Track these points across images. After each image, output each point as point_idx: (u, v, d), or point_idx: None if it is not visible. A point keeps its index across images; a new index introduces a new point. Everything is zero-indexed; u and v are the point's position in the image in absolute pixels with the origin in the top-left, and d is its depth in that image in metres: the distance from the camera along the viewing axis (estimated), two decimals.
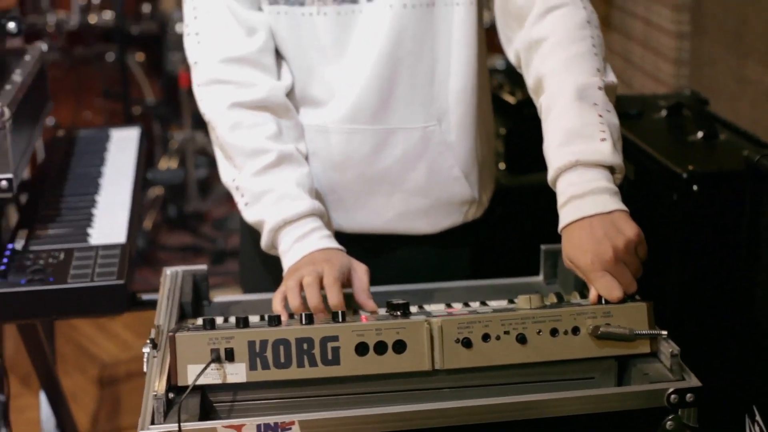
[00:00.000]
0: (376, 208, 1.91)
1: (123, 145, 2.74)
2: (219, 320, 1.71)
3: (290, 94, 1.90)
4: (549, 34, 1.72)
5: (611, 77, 1.72)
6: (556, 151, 1.65)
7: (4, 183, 1.96)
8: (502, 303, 1.75)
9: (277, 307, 1.68)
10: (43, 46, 2.63)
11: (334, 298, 1.66)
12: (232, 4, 1.85)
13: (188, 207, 4.95)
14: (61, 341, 3.75)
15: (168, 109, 5.02)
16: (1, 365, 2.69)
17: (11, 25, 2.45)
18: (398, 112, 1.85)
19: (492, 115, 2.04)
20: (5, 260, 1.98)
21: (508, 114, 2.97)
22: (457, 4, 1.83)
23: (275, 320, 1.52)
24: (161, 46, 4.97)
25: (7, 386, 2.36)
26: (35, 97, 2.37)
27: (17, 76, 2.25)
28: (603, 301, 1.57)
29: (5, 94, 2.05)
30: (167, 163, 4.93)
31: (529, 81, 1.77)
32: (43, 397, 2.65)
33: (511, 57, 1.83)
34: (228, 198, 4.94)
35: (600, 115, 1.65)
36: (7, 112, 1.94)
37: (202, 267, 1.85)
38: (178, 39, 4.85)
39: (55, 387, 2.59)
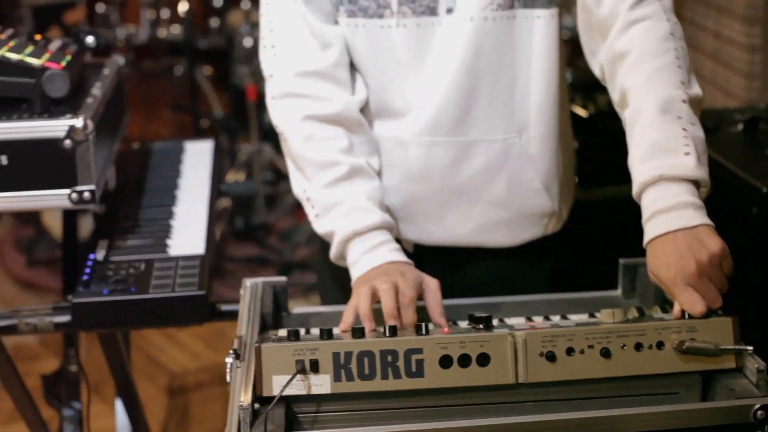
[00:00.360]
0: (455, 220, 1.91)
1: (197, 158, 2.76)
2: (300, 331, 1.72)
3: (366, 106, 1.91)
4: (632, 47, 1.72)
5: (696, 89, 1.71)
6: (639, 165, 1.64)
7: (87, 194, 1.99)
8: (583, 317, 1.74)
9: (349, 319, 1.69)
10: (120, 60, 2.67)
11: (409, 317, 1.67)
12: (308, 17, 1.86)
13: (255, 219, 4.98)
14: (132, 350, 3.78)
15: (235, 122, 5.06)
16: (77, 373, 2.74)
17: (89, 40, 2.49)
18: (478, 125, 1.86)
19: (570, 128, 2.03)
20: (87, 270, 2.01)
21: (580, 127, 2.95)
22: (538, 17, 1.83)
23: (359, 332, 1.53)
24: (229, 59, 5.02)
25: (88, 394, 2.40)
26: (114, 110, 2.40)
27: (97, 90, 2.28)
28: (686, 316, 1.56)
29: (87, 107, 2.08)
30: (234, 176, 4.97)
31: (614, 95, 1.77)
32: (119, 405, 2.68)
33: (596, 70, 1.83)
34: (294, 210, 4.98)
35: (684, 129, 1.64)
36: (90, 125, 1.97)
37: (282, 279, 1.87)
38: (246, 53, 4.90)
39: (131, 395, 2.62)
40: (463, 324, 1.70)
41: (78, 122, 1.96)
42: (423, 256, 1.92)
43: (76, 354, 2.72)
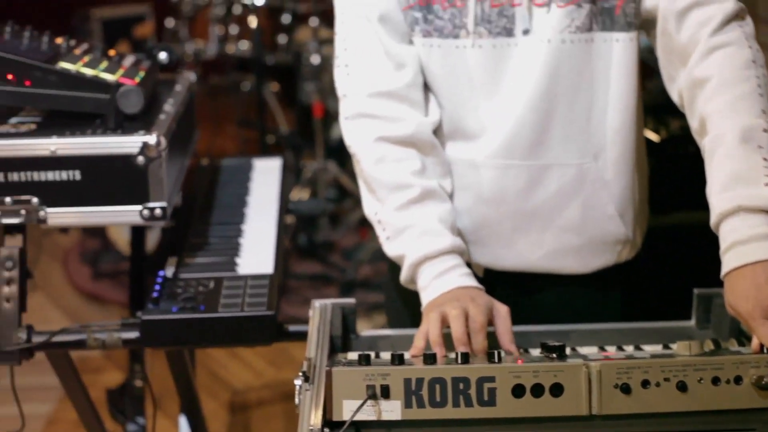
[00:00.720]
0: (527, 245, 1.89)
1: (266, 175, 2.77)
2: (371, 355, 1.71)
3: (439, 127, 1.89)
4: (713, 74, 1.69)
5: None
6: (718, 195, 1.61)
7: (158, 211, 2.00)
8: (657, 348, 1.71)
9: (420, 344, 1.67)
10: (192, 76, 2.68)
11: (480, 344, 1.65)
12: (383, 37, 1.86)
13: (319, 236, 4.99)
14: (195, 366, 3.80)
15: (301, 139, 5.07)
16: (142, 388, 2.75)
17: (162, 56, 2.51)
18: (553, 148, 1.83)
19: (645, 153, 2.00)
20: (157, 287, 2.01)
21: (652, 152, 2.91)
22: (617, 41, 1.80)
23: (431, 358, 1.51)
24: (296, 76, 5.04)
25: (153, 410, 2.41)
26: (185, 126, 2.42)
27: (169, 106, 2.29)
28: (765, 350, 1.53)
29: (160, 123, 2.09)
30: (299, 193, 4.98)
31: (693, 122, 1.74)
32: (183, 421, 2.69)
33: (674, 96, 1.80)
34: (358, 228, 4.97)
35: (765, 159, 1.61)
36: (163, 142, 1.98)
37: (350, 300, 1.86)
38: (313, 69, 4.92)
39: (195, 412, 2.62)
40: (535, 352, 1.67)
41: (151, 139, 1.97)
42: (493, 280, 1.89)
43: (142, 369, 2.73)
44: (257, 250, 2.23)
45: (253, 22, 4.71)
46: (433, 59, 1.85)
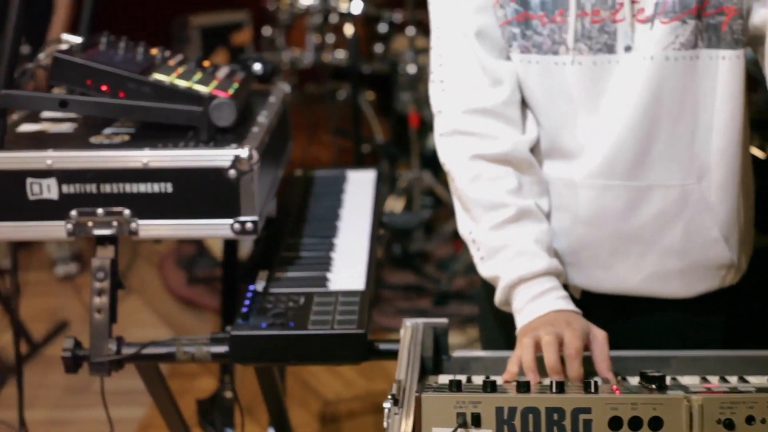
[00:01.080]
0: (626, 268, 1.82)
1: (360, 187, 2.74)
2: (461, 379, 1.66)
3: (536, 145, 1.84)
4: None
5: None
6: None
7: (249, 225, 1.97)
8: (763, 380, 1.63)
9: (513, 369, 1.62)
10: (286, 87, 2.66)
11: (575, 371, 1.59)
12: (480, 52, 1.81)
13: (413, 246, 4.94)
14: (286, 375, 3.78)
15: (396, 149, 5.04)
16: (231, 399, 2.74)
17: (257, 67, 2.50)
18: (655, 169, 1.77)
19: (751, 173, 1.92)
20: (247, 302, 1.99)
21: (758, 169, 2.81)
22: (723, 58, 1.73)
23: (524, 386, 1.46)
24: (392, 85, 5.01)
25: (242, 421, 2.39)
26: (278, 139, 2.39)
27: (263, 118, 2.27)
28: None
29: (253, 136, 2.07)
30: (394, 203, 4.95)
31: None
32: None
33: None
34: (453, 239, 4.92)
35: None
36: (255, 155, 1.96)
37: (443, 320, 1.81)
38: (409, 79, 4.88)
39: (284, 424, 2.60)
40: (633, 380, 1.61)
41: (243, 152, 1.95)
42: (591, 303, 1.83)
43: (232, 381, 2.73)
44: (349, 265, 2.19)
45: (349, 30, 4.69)
46: (531, 76, 1.80)
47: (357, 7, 4.93)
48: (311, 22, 4.97)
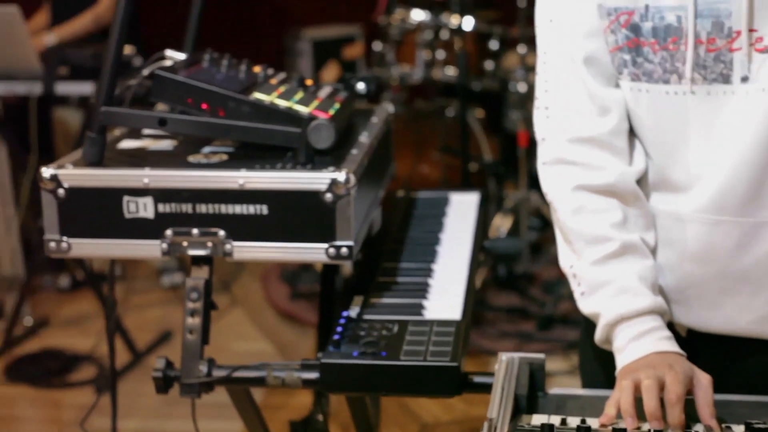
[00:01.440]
0: (735, 308, 1.73)
1: (462, 211, 2.68)
2: (555, 420, 1.59)
3: (643, 177, 1.76)
4: None
5: None
6: None
7: (344, 250, 1.93)
8: None
9: (611, 413, 1.54)
10: (390, 108, 2.61)
11: (676, 418, 1.50)
12: (588, 79, 1.73)
13: (519, 267, 4.86)
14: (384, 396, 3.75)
15: (504, 168, 4.97)
16: (324, 422, 2.70)
17: (360, 86, 2.46)
18: None
19: None
20: (339, 329, 1.95)
21: None
22: None
23: None
24: (501, 103, 4.94)
25: None
26: (379, 161, 2.35)
27: (364, 139, 2.23)
28: None
29: (351, 159, 2.02)
30: (501, 221, 4.88)
31: None
32: None
33: None
34: None
35: None
36: (352, 179, 1.91)
37: (540, 356, 1.74)
38: (519, 97, 4.81)
39: None
40: (738, 429, 1.52)
41: (340, 176, 1.91)
42: (697, 342, 1.74)
43: (325, 403, 2.69)
44: (446, 293, 2.14)
45: (458, 46, 4.64)
46: (641, 105, 1.72)
47: (468, 24, 4.87)
48: (422, 38, 4.93)
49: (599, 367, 1.85)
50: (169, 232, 1.97)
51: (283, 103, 2.09)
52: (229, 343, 4.79)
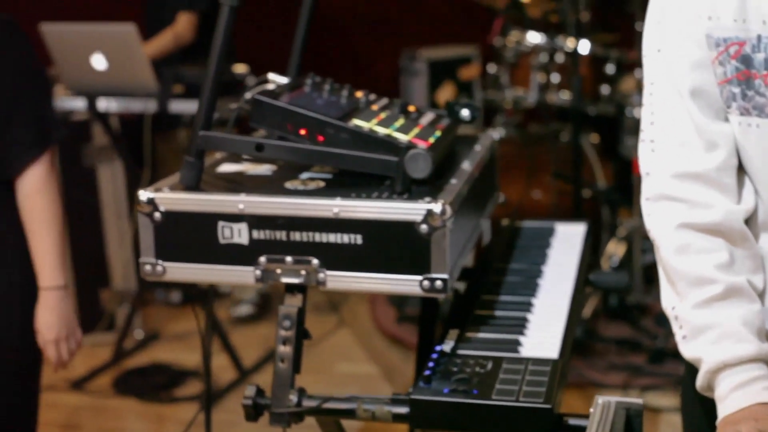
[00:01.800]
0: None
1: (567, 242, 2.61)
2: None
3: (752, 216, 1.68)
4: None
5: None
6: None
7: (439, 283, 1.88)
8: None
9: None
10: (495, 135, 2.56)
11: None
12: (695, 113, 1.66)
13: (631, 297, 4.74)
14: None
15: (619, 195, 4.85)
16: None
17: (465, 113, 2.40)
18: None
19: None
20: (431, 364, 1.90)
21: None
22: None
23: None
24: (617, 129, 4.83)
25: None
26: (480, 190, 2.30)
27: (466, 166, 2.19)
28: None
29: (449, 189, 1.98)
30: (614, 248, 4.76)
31: None
32: None
33: None
34: None
35: None
36: (449, 211, 1.87)
37: (637, 401, 1.66)
38: (635, 123, 4.70)
39: None
40: None
41: (436, 207, 1.86)
42: None
43: None
44: (544, 329, 2.07)
45: (573, 70, 4.55)
46: (750, 140, 1.64)
47: (584, 47, 4.78)
48: (537, 61, 4.85)
49: (702, 412, 1.77)
50: (262, 258, 1.95)
51: (382, 131, 2.05)
52: (334, 365, 4.77)
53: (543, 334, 2.05)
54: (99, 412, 4.40)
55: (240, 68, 4.53)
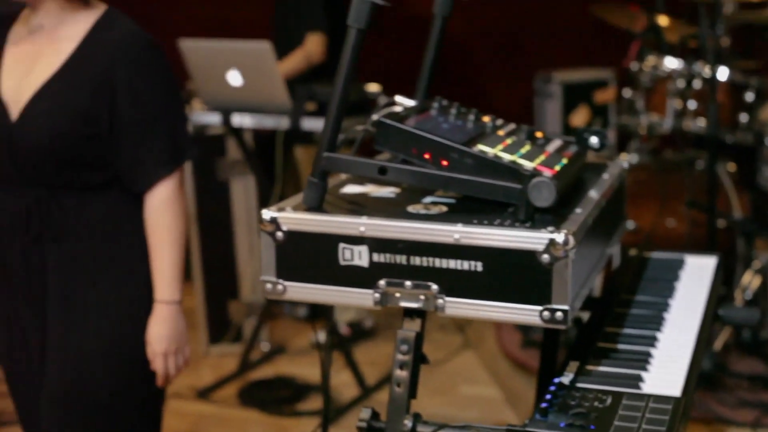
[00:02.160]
0: None
1: (696, 276, 2.53)
2: None
3: None
4: None
5: None
6: None
7: (559, 314, 1.85)
8: None
9: None
10: (624, 163, 2.50)
11: None
12: None
13: (765, 332, 4.59)
14: None
15: (755, 226, 4.71)
16: None
17: (593, 140, 2.36)
18: None
19: None
20: (548, 396, 1.86)
21: None
22: None
23: None
24: (756, 158, 4.70)
25: None
26: (607, 219, 2.25)
27: (593, 194, 2.14)
28: None
29: (573, 219, 1.94)
30: (749, 280, 4.62)
31: None
32: None
33: None
34: None
35: None
36: (572, 241, 1.83)
37: None
38: None
39: None
40: None
41: (559, 237, 1.82)
42: None
43: None
44: (668, 365, 2.01)
45: (711, 97, 4.44)
46: None
47: (723, 74, 4.67)
48: (673, 87, 4.75)
49: None
50: (382, 282, 1.94)
51: (506, 157, 2.02)
52: (457, 386, 4.75)
53: (666, 370, 1.99)
54: (222, 422, 4.47)
55: (373, 87, 4.55)
